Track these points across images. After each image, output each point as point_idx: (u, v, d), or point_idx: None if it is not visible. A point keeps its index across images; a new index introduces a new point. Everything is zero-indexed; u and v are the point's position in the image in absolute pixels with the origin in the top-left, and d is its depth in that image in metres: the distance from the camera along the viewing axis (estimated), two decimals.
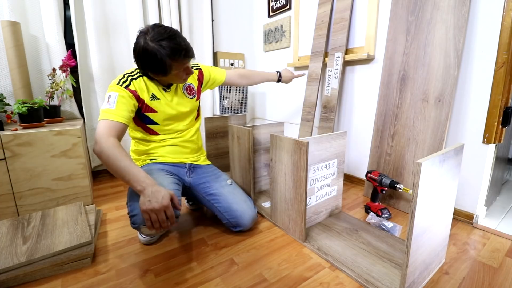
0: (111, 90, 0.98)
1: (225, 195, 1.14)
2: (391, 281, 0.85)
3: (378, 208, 1.29)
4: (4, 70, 1.44)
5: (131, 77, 1.03)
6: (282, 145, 1.09)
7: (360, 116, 1.67)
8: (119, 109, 0.95)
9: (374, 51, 1.54)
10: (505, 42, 1.05)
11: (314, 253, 1.02)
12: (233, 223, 1.12)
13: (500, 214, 1.32)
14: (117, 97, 0.96)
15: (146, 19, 1.86)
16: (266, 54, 2.41)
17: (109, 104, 0.95)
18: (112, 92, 0.97)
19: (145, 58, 0.94)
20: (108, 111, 0.94)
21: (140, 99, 1.03)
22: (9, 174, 1.18)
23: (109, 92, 0.98)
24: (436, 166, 0.72)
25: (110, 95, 0.97)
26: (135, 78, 1.04)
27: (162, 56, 0.91)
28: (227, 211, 1.11)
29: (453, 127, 1.24)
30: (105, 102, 0.96)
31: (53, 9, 1.50)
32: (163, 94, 1.09)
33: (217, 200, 1.13)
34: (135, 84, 1.02)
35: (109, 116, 0.93)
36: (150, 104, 1.06)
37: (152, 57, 0.92)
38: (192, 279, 0.89)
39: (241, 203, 1.13)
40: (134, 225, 0.95)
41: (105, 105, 0.95)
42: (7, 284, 0.85)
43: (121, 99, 0.97)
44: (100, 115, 0.95)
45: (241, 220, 1.11)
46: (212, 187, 1.16)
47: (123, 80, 1.01)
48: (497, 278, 0.88)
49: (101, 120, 0.93)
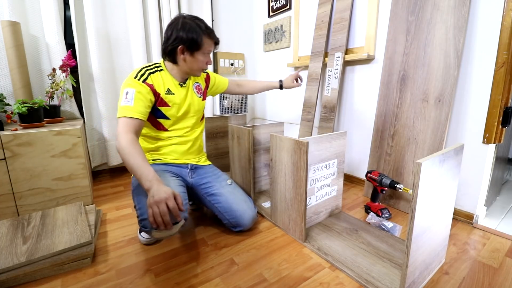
0: (128, 85, 0.99)
1: (225, 195, 1.14)
2: (391, 281, 0.85)
3: (378, 208, 1.29)
4: (4, 70, 1.44)
5: (149, 71, 1.04)
6: (282, 145, 1.09)
7: (360, 116, 1.67)
8: (137, 105, 0.97)
9: (374, 51, 1.54)
10: (505, 42, 1.05)
11: (314, 253, 1.02)
12: (233, 223, 1.12)
13: (500, 214, 1.32)
14: (135, 93, 0.97)
15: (146, 19, 1.86)
16: (266, 54, 2.41)
17: (127, 101, 0.96)
18: (130, 88, 0.98)
19: (183, 30, 1.00)
20: (126, 108, 0.96)
21: (157, 93, 1.05)
22: (9, 174, 1.18)
23: (127, 88, 0.98)
24: (436, 166, 0.72)
25: (127, 91, 0.97)
26: (153, 72, 1.05)
27: (199, 29, 1.01)
28: (227, 211, 1.11)
29: (453, 127, 1.24)
30: (123, 99, 0.97)
31: (53, 9, 1.50)
32: (178, 89, 1.11)
33: (218, 201, 1.13)
34: (152, 78, 1.04)
35: (128, 113, 0.95)
36: (165, 98, 1.07)
37: (190, 29, 1.00)
38: (192, 279, 0.89)
39: (241, 203, 1.13)
40: (145, 228, 0.94)
41: (124, 102, 0.97)
42: (7, 284, 0.85)
43: (138, 95, 0.98)
44: (118, 111, 0.97)
45: (241, 220, 1.11)
46: (212, 187, 1.16)
47: (140, 74, 1.02)
48: (497, 278, 0.88)
49: (121, 117, 0.95)
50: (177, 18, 1.03)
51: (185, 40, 1.01)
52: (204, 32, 1.02)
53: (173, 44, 1.02)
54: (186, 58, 1.05)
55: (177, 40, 1.01)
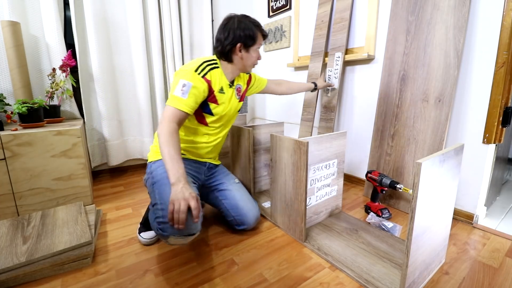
0: (187, 77, 0.98)
1: (233, 192, 1.16)
2: (391, 281, 0.85)
3: (378, 208, 1.29)
4: (4, 70, 1.44)
5: (210, 66, 1.05)
6: (282, 145, 1.09)
7: (360, 116, 1.67)
8: (189, 99, 0.97)
9: (374, 51, 1.53)
10: (505, 42, 1.05)
11: (314, 253, 1.02)
12: (238, 220, 1.13)
13: (500, 214, 1.32)
14: (191, 87, 0.97)
15: (146, 19, 1.86)
16: (266, 54, 2.40)
17: (182, 93, 0.96)
18: (187, 81, 0.97)
19: (239, 28, 1.04)
20: (179, 99, 0.95)
21: (212, 90, 1.05)
22: (9, 174, 1.18)
23: (185, 80, 0.97)
24: (436, 166, 0.72)
25: (184, 84, 0.96)
26: (213, 68, 1.06)
27: (253, 25, 1.06)
28: (233, 208, 1.13)
29: (453, 127, 1.24)
30: (178, 89, 0.96)
31: (53, 9, 1.50)
32: (228, 89, 1.13)
33: (225, 196, 1.15)
34: (211, 74, 1.04)
35: (179, 105, 0.95)
36: (217, 95, 1.08)
37: (246, 26, 1.05)
38: (192, 279, 0.89)
39: (247, 202, 1.15)
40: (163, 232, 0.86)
41: (178, 92, 0.96)
42: (7, 284, 0.85)
43: (194, 90, 0.98)
44: (170, 99, 0.96)
45: (246, 218, 1.12)
46: (222, 184, 1.18)
47: (201, 68, 1.02)
48: (497, 278, 0.88)
49: (170, 106, 0.95)
50: (230, 18, 1.07)
51: (243, 38, 1.04)
52: (257, 27, 1.07)
53: (232, 43, 1.05)
54: (242, 55, 1.08)
55: (236, 39, 1.04)
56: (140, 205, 1.45)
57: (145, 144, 1.96)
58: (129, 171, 2.05)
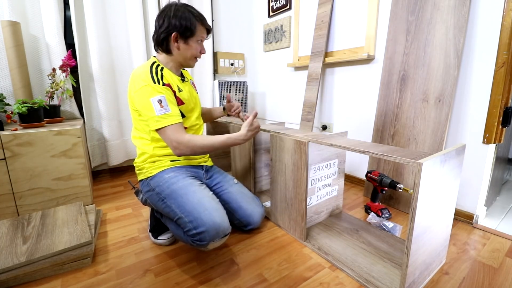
0: (157, 92, 0.94)
1: (234, 194, 1.14)
2: (391, 281, 0.84)
3: (378, 208, 1.29)
4: (4, 70, 1.44)
5: (158, 69, 1.00)
6: (282, 145, 1.09)
7: (360, 116, 1.67)
8: (173, 109, 0.96)
9: (374, 51, 1.54)
10: (505, 42, 1.05)
11: (315, 253, 1.02)
12: (245, 222, 1.12)
13: (500, 214, 1.32)
14: (165, 99, 0.95)
15: (146, 19, 1.86)
16: (266, 54, 2.41)
17: (164, 109, 0.93)
18: (160, 96, 0.94)
19: (175, 17, 0.98)
20: (167, 115, 0.93)
21: (173, 91, 1.02)
22: (9, 174, 1.18)
23: (157, 96, 0.93)
24: (437, 166, 0.72)
25: (160, 99, 0.93)
26: (161, 68, 1.01)
27: (192, 16, 1.00)
28: (237, 210, 1.11)
29: (453, 127, 1.24)
30: (156, 108, 0.93)
31: (53, 9, 1.50)
32: (182, 84, 1.09)
33: (228, 200, 1.13)
34: (166, 77, 1.01)
35: (172, 120, 0.94)
36: (180, 95, 1.05)
37: (183, 15, 0.98)
38: (192, 279, 0.89)
39: (250, 201, 1.14)
40: (200, 242, 0.86)
41: (161, 111, 0.93)
42: (7, 284, 0.85)
43: (169, 99, 0.96)
44: (159, 122, 0.93)
45: (252, 218, 1.11)
46: (222, 187, 1.16)
47: (155, 77, 0.96)
48: (497, 278, 0.88)
49: (167, 126, 0.93)
50: (169, 5, 1.01)
51: (178, 27, 0.98)
52: (197, 18, 1.01)
53: (166, 31, 0.99)
54: (180, 46, 1.02)
55: (170, 27, 0.98)
56: (140, 205, 1.45)
57: None
58: (129, 171, 2.05)
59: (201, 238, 0.86)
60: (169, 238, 1.09)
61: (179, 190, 0.95)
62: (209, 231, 0.86)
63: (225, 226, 0.89)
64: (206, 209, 0.90)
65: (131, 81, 0.99)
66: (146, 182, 1.05)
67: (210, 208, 0.90)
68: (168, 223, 1.03)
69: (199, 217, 0.87)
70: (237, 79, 2.45)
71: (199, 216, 0.87)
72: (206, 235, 0.85)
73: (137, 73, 0.98)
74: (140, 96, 0.94)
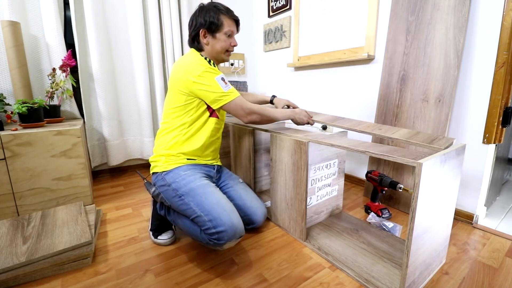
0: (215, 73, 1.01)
1: (239, 192, 1.15)
2: (391, 281, 0.84)
3: (378, 208, 1.29)
4: (4, 70, 1.43)
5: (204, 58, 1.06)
6: (282, 145, 1.09)
7: (360, 116, 1.67)
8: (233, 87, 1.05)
9: (374, 51, 1.54)
10: (505, 42, 1.05)
11: (315, 253, 1.02)
12: (247, 220, 1.12)
13: (500, 214, 1.32)
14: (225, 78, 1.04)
15: (146, 19, 1.86)
16: (266, 54, 2.41)
17: (229, 85, 1.03)
18: (220, 75, 1.02)
19: (201, 14, 1.04)
20: (233, 90, 1.04)
21: None
22: (9, 174, 1.18)
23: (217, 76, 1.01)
24: (437, 166, 0.72)
25: (222, 77, 1.02)
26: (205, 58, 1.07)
27: (216, 9, 1.04)
28: (241, 208, 1.11)
29: (453, 127, 1.24)
30: (222, 85, 1.01)
31: (53, 9, 1.50)
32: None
33: (232, 197, 1.14)
34: None
35: (237, 93, 1.04)
36: None
37: (208, 11, 1.04)
38: (192, 279, 0.89)
39: (254, 200, 1.15)
40: (218, 241, 0.88)
41: (227, 87, 1.02)
42: (7, 284, 0.85)
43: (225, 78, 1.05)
44: (227, 95, 1.01)
45: (256, 216, 1.12)
46: (227, 185, 1.18)
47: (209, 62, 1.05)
48: (497, 278, 0.88)
49: (235, 98, 1.02)
50: (198, 6, 1.08)
51: (203, 23, 1.04)
52: (222, 11, 1.05)
53: (195, 30, 1.07)
54: (209, 41, 1.07)
55: (198, 25, 1.05)
56: (140, 205, 1.45)
57: (145, 144, 1.96)
58: (129, 171, 2.05)
59: (219, 237, 0.88)
60: (169, 238, 1.09)
61: (198, 189, 0.96)
62: (228, 231, 0.87)
63: (241, 228, 0.91)
64: (225, 210, 0.91)
65: (186, 68, 1.01)
66: (161, 176, 1.03)
67: (228, 209, 0.92)
68: (182, 219, 1.02)
69: (218, 217, 0.89)
70: (237, 79, 2.45)
71: (219, 216, 0.89)
72: (225, 234, 0.87)
73: (190, 60, 1.03)
74: (205, 78, 1.00)
